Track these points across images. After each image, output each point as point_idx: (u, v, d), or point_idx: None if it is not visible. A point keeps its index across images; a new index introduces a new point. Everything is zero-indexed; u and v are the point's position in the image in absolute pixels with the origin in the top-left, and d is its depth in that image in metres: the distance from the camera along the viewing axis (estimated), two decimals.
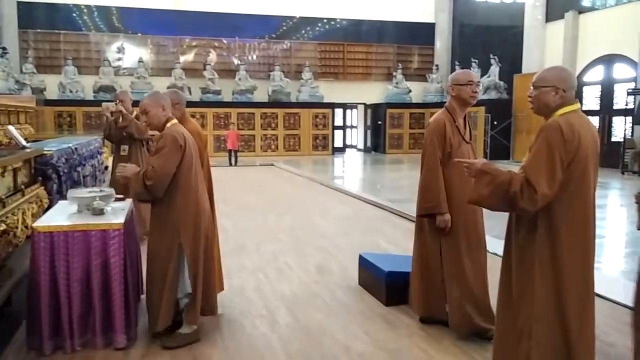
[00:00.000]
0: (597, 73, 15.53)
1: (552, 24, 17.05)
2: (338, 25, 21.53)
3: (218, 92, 19.36)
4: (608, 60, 15.05)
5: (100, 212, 3.35)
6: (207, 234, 3.43)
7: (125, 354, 3.18)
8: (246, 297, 4.30)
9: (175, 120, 3.40)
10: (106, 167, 10.12)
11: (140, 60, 19.03)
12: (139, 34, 19.74)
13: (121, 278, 3.18)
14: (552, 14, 17.10)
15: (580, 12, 16.11)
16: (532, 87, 2.50)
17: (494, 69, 18.06)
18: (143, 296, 4.07)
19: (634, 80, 14.01)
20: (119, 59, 19.47)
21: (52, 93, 18.22)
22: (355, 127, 23.72)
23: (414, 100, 21.47)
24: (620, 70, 14.84)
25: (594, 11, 15.87)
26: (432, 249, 3.50)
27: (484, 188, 2.41)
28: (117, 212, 3.47)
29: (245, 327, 3.66)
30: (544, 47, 17.24)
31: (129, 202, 3.88)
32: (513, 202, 2.32)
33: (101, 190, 3.68)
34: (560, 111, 2.41)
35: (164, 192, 3.23)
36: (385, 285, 4.08)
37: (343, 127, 23.04)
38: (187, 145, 3.28)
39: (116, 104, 5.85)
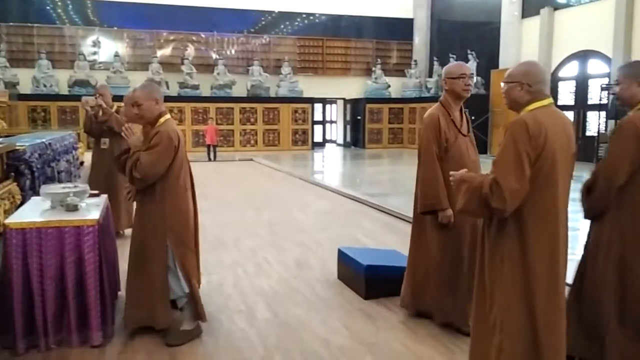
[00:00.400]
0: (572, 69, 15.77)
1: (528, 20, 17.26)
2: (317, 20, 21.48)
3: (196, 87, 19.17)
4: (583, 56, 15.30)
5: (74, 208, 3.30)
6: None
7: (101, 351, 3.14)
8: (225, 292, 4.28)
9: (168, 116, 3.32)
10: (82, 163, 9.95)
11: (117, 55, 18.73)
12: (115, 28, 19.42)
13: (96, 275, 3.13)
14: (528, 10, 17.31)
15: (555, 9, 16.34)
16: (502, 83, 2.51)
17: (472, 65, 18.20)
18: (120, 292, 4.04)
19: (608, 75, 14.26)
20: (95, 53, 19.12)
21: (25, 87, 17.81)
22: (335, 122, 23.72)
23: (393, 96, 21.56)
24: (595, 66, 15.10)
25: (569, 8, 16.12)
26: (433, 245, 3.48)
27: (463, 196, 2.41)
28: (91, 208, 3.42)
29: (223, 323, 3.64)
30: (520, 43, 17.46)
31: (104, 198, 3.82)
32: (487, 204, 2.32)
33: (75, 186, 3.62)
34: (530, 107, 2.40)
35: (153, 191, 3.20)
36: (364, 279, 4.10)
37: (322, 122, 23.02)
38: (180, 144, 3.25)
39: (96, 97, 5.80)
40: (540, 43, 16.35)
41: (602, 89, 13.95)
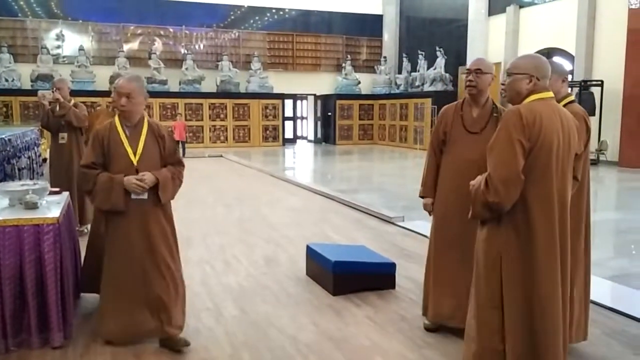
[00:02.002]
0: None
1: (495, 17, 17.55)
2: (287, 16, 21.40)
3: (164, 82, 18.88)
4: (547, 53, 15.61)
5: (33, 206, 3.20)
6: None
7: (63, 352, 3.06)
8: (192, 290, 4.20)
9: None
10: (44, 160, 9.68)
11: (81, 48, 18.30)
12: (80, 21, 18.97)
13: (57, 275, 3.05)
14: (495, 8, 17.60)
15: (521, 7, 16.66)
16: (505, 75, 2.47)
17: (440, 61, 18.43)
18: (83, 293, 3.95)
19: (571, 73, 14.62)
20: (58, 47, 18.66)
21: None
22: (306, 118, 23.71)
23: (363, 92, 21.66)
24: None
25: (533, 6, 16.44)
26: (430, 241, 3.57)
27: (472, 201, 2.38)
28: (51, 206, 3.32)
29: (190, 321, 3.58)
30: (487, 40, 17.75)
31: (65, 195, 3.72)
32: (486, 202, 2.27)
33: (35, 184, 3.52)
34: (529, 98, 2.38)
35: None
36: (332, 275, 4.10)
37: (293, 118, 22.98)
38: None
39: (53, 91, 5.70)
40: (506, 40, 16.66)
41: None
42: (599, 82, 13.60)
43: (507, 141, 2.25)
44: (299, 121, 23.52)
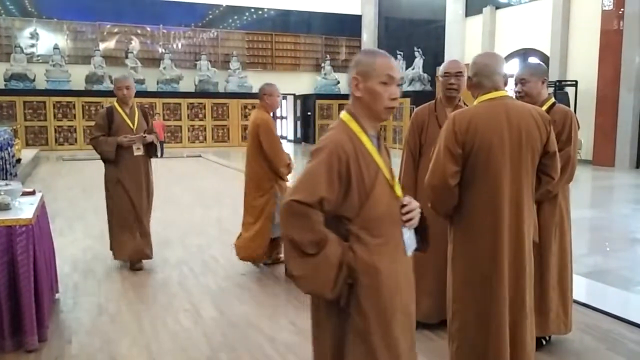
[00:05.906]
0: (513, 66, 16.33)
1: (471, 18, 17.75)
2: (266, 15, 21.33)
3: (142, 82, 18.64)
4: (523, 53, 15.86)
5: (5, 207, 3.14)
6: None
7: (37, 356, 3.01)
8: (169, 291, 4.18)
9: None
10: (18, 160, 9.50)
11: (56, 47, 17.97)
12: (55, 19, 18.63)
13: (30, 277, 2.99)
14: (471, 9, 17.80)
15: (497, 8, 16.87)
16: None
17: (418, 62, 18.56)
18: (59, 295, 3.91)
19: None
20: (32, 46, 18.29)
21: None
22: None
23: (343, 92, 21.67)
24: None
25: (509, 7, 16.67)
26: None
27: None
28: (25, 207, 3.26)
29: (167, 323, 3.56)
30: (464, 41, 17.94)
31: (38, 196, 3.66)
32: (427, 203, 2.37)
33: (7, 184, 3.45)
34: (479, 99, 2.38)
35: None
36: None
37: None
38: None
39: (125, 90, 4.77)
40: (483, 41, 16.86)
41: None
42: (573, 83, 13.84)
43: (439, 149, 2.31)
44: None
